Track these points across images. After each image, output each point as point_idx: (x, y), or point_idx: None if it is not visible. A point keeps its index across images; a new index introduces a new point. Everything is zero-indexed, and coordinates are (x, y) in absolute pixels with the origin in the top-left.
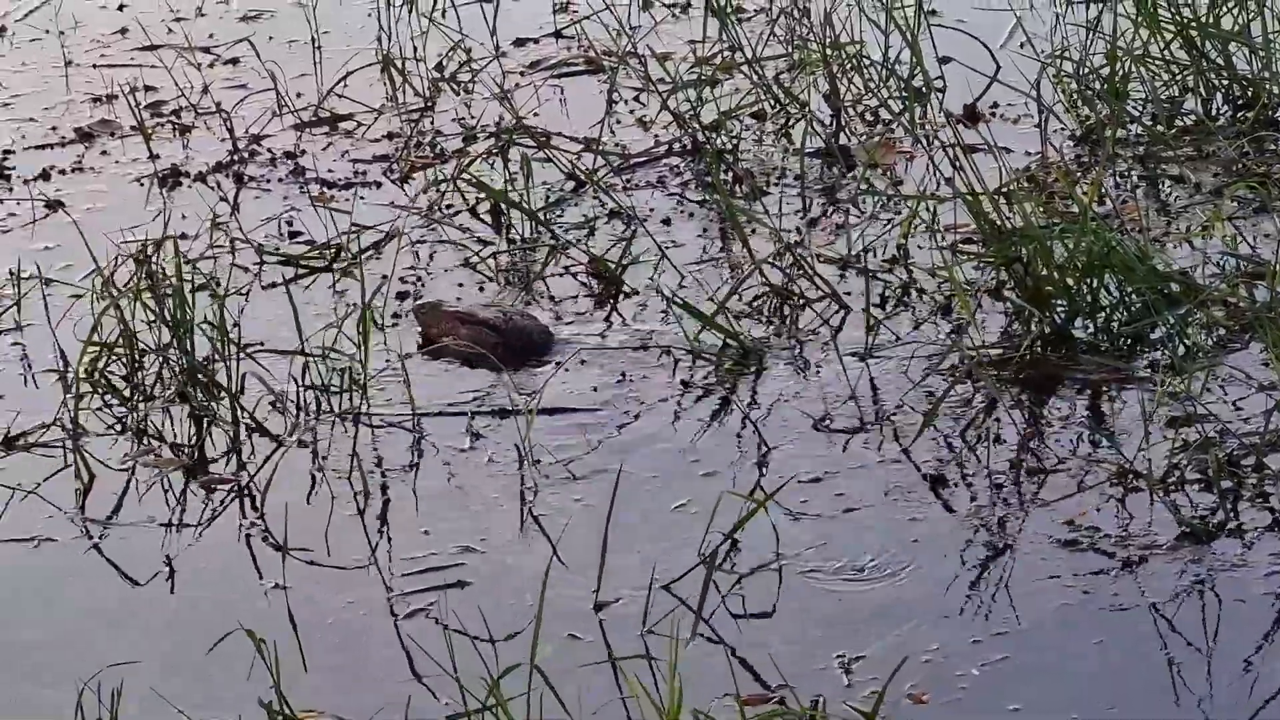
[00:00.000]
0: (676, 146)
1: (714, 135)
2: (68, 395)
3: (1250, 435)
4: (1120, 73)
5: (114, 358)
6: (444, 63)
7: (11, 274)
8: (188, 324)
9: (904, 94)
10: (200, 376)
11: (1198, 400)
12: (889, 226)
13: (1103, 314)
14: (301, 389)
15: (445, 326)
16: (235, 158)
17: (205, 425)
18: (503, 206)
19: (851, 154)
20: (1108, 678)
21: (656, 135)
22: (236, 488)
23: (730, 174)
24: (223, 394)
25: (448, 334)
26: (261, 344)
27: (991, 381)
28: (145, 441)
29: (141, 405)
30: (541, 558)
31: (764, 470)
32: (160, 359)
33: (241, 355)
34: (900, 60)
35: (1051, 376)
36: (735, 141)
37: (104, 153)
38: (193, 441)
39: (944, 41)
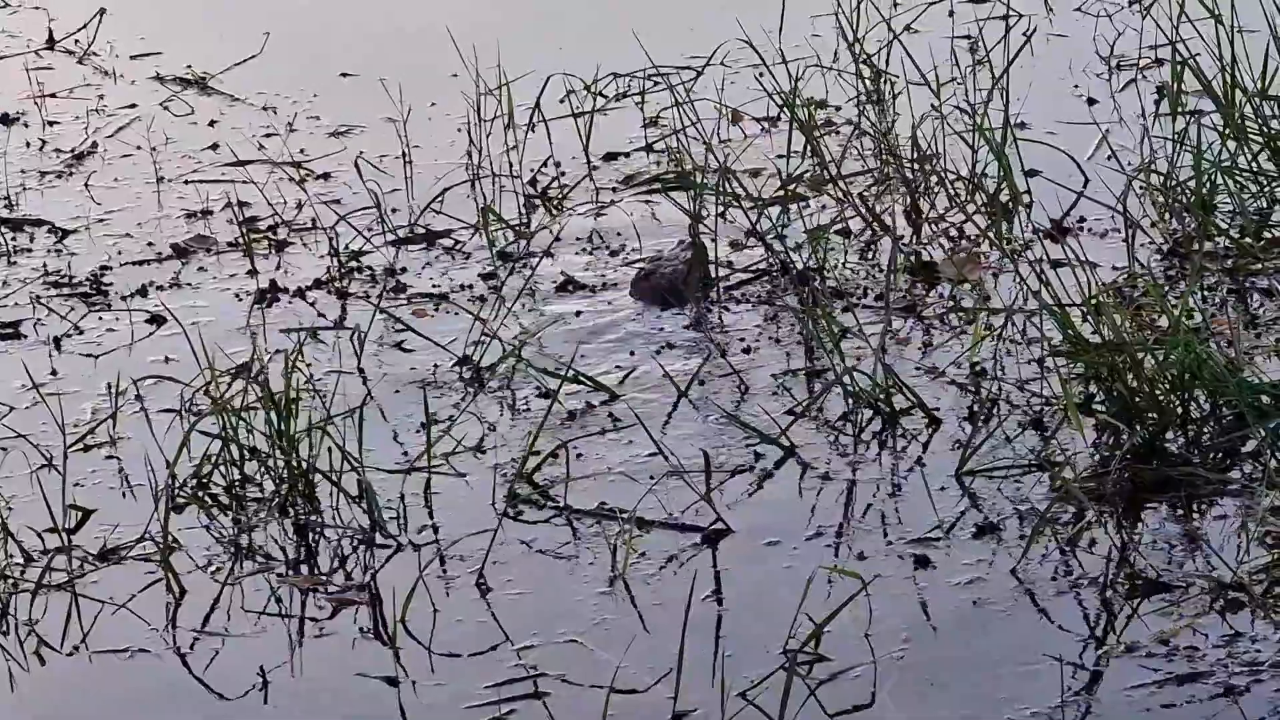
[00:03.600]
0: (764, 265)
1: (799, 254)
2: (159, 507)
3: None
4: (1207, 185)
5: (217, 470)
6: (536, 177)
7: (109, 388)
8: (294, 435)
9: (990, 208)
10: (306, 486)
11: None
12: (977, 342)
13: (1193, 427)
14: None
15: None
16: (335, 274)
17: (317, 538)
18: None
19: (937, 270)
20: None
21: (746, 251)
22: (360, 603)
23: (816, 291)
24: (328, 505)
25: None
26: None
27: (1082, 495)
28: (252, 555)
29: (246, 517)
30: (624, 661)
31: (850, 568)
32: (267, 470)
33: (350, 468)
34: (987, 174)
35: (1145, 489)
36: (820, 259)
37: (201, 269)
38: (307, 556)
39: (1031, 155)
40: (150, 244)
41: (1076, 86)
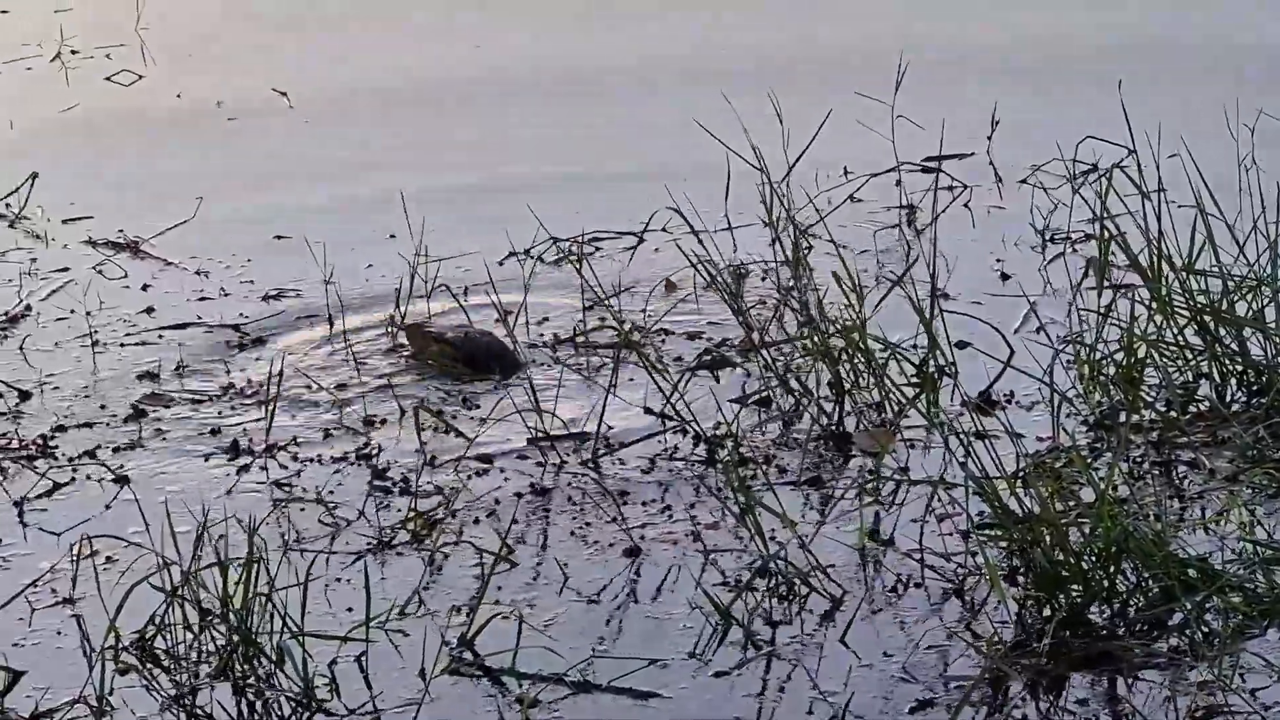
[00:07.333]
0: (677, 438)
1: (720, 425)
2: (93, 669)
3: None
4: (1134, 358)
5: (160, 632)
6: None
7: (72, 547)
8: (245, 600)
9: (914, 380)
10: (248, 650)
11: (1226, 688)
12: (896, 511)
13: (1119, 600)
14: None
15: (421, 344)
16: (290, 443)
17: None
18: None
19: (852, 440)
20: None
21: (665, 419)
22: None
23: (732, 461)
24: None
25: (423, 348)
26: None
27: (1009, 668)
28: (192, 718)
29: (187, 679)
30: None
31: None
32: (209, 632)
33: (291, 634)
34: (916, 346)
35: (1071, 662)
36: (736, 427)
37: (158, 430)
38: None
39: (958, 327)
40: (103, 406)
41: (999, 260)
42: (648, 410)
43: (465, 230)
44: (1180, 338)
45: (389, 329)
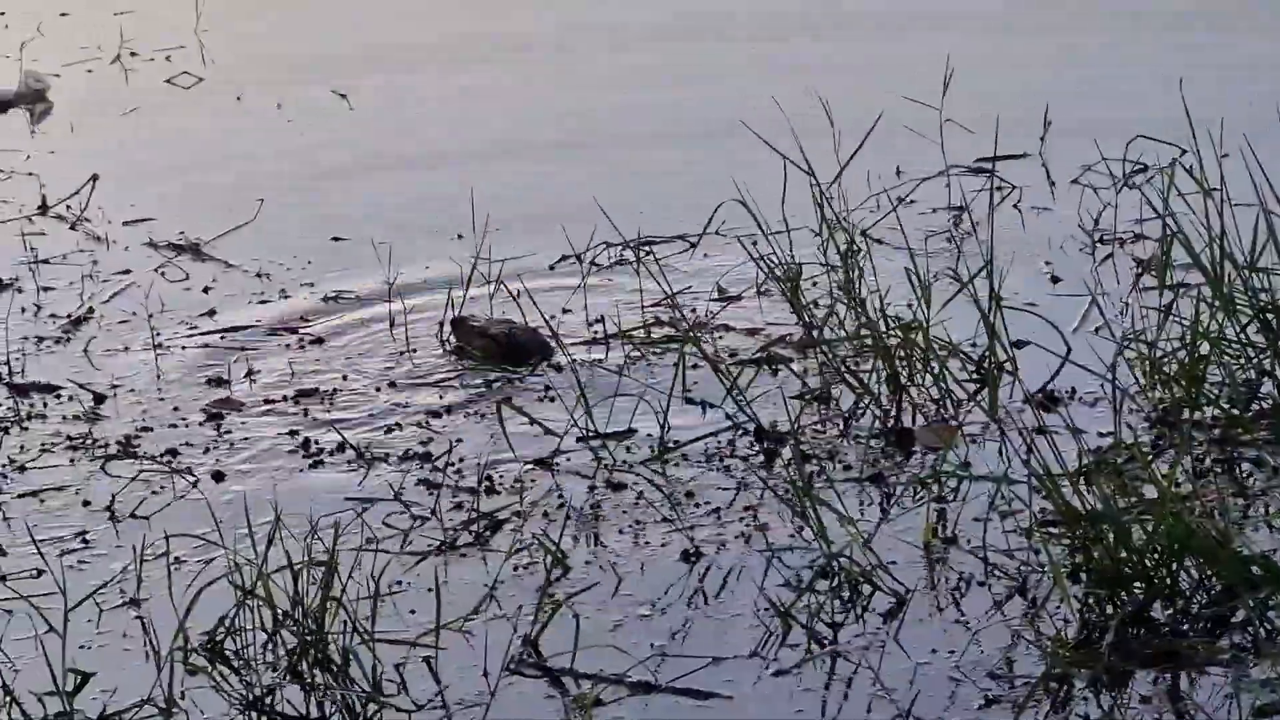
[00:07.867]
0: (735, 435)
1: (776, 422)
2: (162, 670)
3: None
4: (1196, 355)
5: (230, 634)
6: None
7: (134, 548)
8: (322, 603)
9: (975, 377)
10: (318, 653)
11: None
12: (958, 507)
13: (1181, 597)
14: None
15: (466, 338)
16: (362, 451)
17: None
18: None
19: (914, 436)
20: None
21: (726, 413)
22: None
23: (796, 458)
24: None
25: (468, 342)
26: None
27: (1072, 666)
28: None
29: (256, 679)
30: None
31: None
32: (279, 634)
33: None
34: (975, 343)
35: (1134, 659)
36: (797, 425)
37: (230, 430)
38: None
39: (1014, 326)
40: (176, 409)
41: (1047, 263)
42: (689, 400)
43: (527, 224)
44: (1243, 335)
45: (439, 333)
